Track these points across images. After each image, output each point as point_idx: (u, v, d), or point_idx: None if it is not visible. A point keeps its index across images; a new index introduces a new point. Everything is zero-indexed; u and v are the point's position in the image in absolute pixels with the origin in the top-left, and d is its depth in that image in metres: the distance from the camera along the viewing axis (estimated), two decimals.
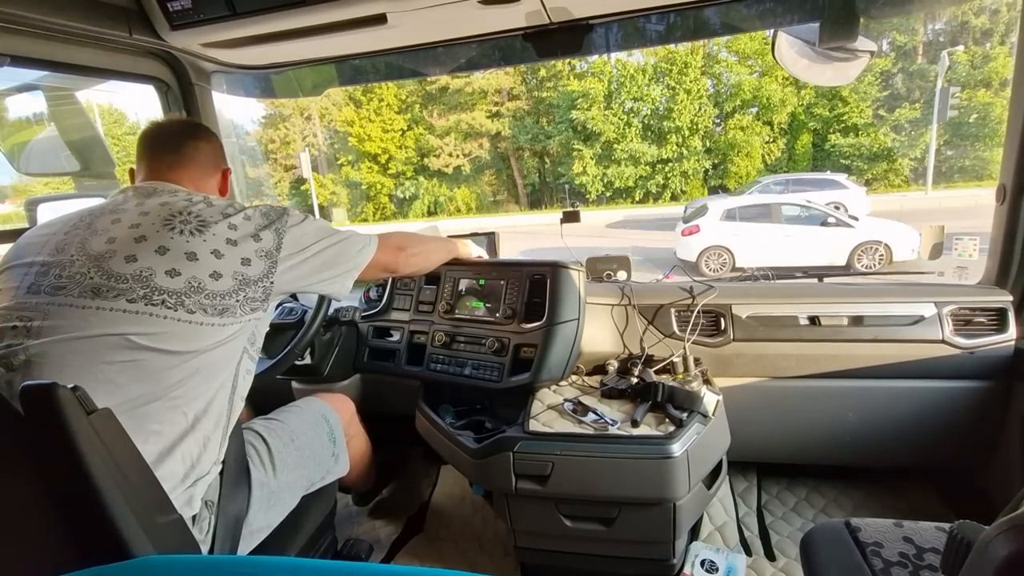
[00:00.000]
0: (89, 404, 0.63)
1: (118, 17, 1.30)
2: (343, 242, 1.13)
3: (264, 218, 1.02)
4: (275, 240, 1.00)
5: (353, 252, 1.15)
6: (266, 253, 0.99)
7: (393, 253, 1.26)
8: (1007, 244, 1.40)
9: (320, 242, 1.08)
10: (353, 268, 1.16)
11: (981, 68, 15.04)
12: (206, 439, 0.90)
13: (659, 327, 1.56)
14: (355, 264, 1.16)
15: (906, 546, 0.89)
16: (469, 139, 20.54)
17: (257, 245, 0.98)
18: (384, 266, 1.25)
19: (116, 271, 0.86)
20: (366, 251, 1.18)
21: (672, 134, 17.64)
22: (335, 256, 1.11)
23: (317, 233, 1.08)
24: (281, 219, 1.04)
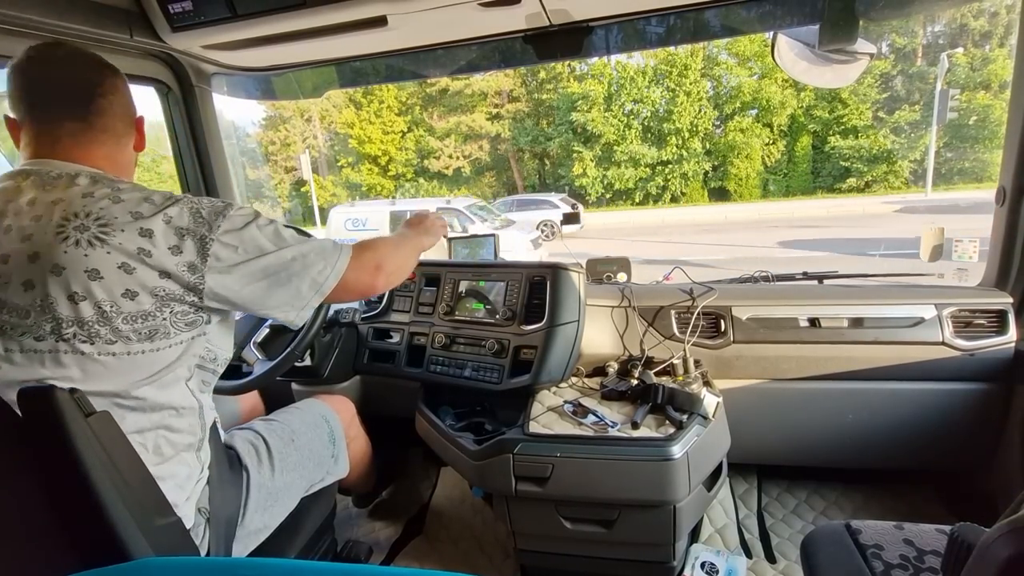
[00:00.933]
0: (87, 406, 0.63)
1: (119, 19, 1.30)
2: (301, 257, 0.89)
3: (192, 220, 0.81)
4: (199, 252, 0.80)
5: (314, 270, 0.91)
6: (189, 266, 0.79)
7: (371, 273, 1.01)
8: (1007, 246, 1.40)
9: (266, 256, 0.86)
10: (313, 291, 0.91)
11: (980, 70, 15.07)
12: (180, 464, 0.85)
13: (659, 329, 1.56)
14: (316, 285, 0.91)
15: (907, 548, 0.89)
16: (469, 141, 20.56)
17: (176, 259, 0.78)
18: (359, 290, 1.01)
19: (15, 303, 0.72)
20: (333, 268, 0.93)
21: (672, 136, 17.67)
22: (287, 273, 0.88)
23: (262, 241, 0.86)
24: (214, 222, 0.82)
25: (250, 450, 1.06)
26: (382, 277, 1.04)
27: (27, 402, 0.60)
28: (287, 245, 0.89)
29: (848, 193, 16.41)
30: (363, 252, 1.02)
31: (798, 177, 17.77)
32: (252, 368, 1.41)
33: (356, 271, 0.98)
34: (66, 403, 0.60)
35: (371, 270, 1.02)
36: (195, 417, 0.88)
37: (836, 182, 16.98)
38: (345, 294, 0.99)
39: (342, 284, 0.95)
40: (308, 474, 1.15)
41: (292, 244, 0.90)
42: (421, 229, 1.26)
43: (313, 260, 0.91)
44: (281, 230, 0.91)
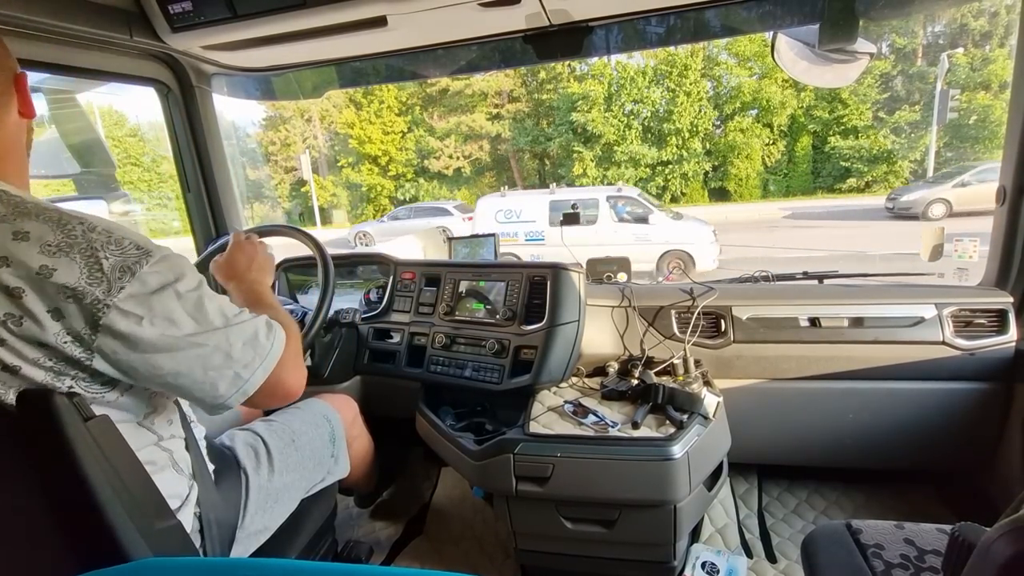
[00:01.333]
0: (86, 411, 0.62)
1: (119, 20, 1.30)
2: (225, 346, 0.72)
3: (87, 276, 0.62)
4: (87, 321, 0.62)
5: (239, 363, 0.73)
6: (74, 337, 0.63)
7: (299, 372, 0.83)
8: (1007, 245, 1.40)
9: (179, 339, 0.68)
10: (234, 389, 0.74)
11: (980, 70, 15.07)
12: (175, 470, 0.82)
13: (659, 329, 1.56)
14: (238, 382, 0.74)
15: (907, 548, 0.89)
16: (469, 141, 20.56)
17: (57, 325, 0.62)
18: (283, 394, 0.81)
19: None
20: (263, 362, 0.75)
21: (672, 136, 17.67)
22: (202, 366, 0.70)
23: (177, 314, 0.68)
24: (116, 282, 0.63)
25: (249, 452, 1.05)
26: (301, 373, 0.85)
27: (26, 406, 0.60)
28: (211, 328, 0.70)
29: (848, 193, 16.41)
30: (292, 341, 0.82)
31: (798, 177, 17.77)
32: None
33: (288, 369, 0.79)
34: (65, 407, 0.60)
35: (300, 367, 0.84)
36: (179, 441, 0.84)
37: (836, 182, 16.98)
38: (266, 400, 0.79)
39: (268, 386, 0.76)
40: (308, 474, 1.15)
41: (217, 326, 0.71)
42: (261, 278, 0.98)
43: (240, 352, 0.73)
44: (207, 303, 0.71)
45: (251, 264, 0.99)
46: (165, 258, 0.68)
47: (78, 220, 0.65)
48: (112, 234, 0.65)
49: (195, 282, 0.71)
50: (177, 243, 0.98)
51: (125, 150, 17.24)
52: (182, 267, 0.70)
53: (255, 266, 0.99)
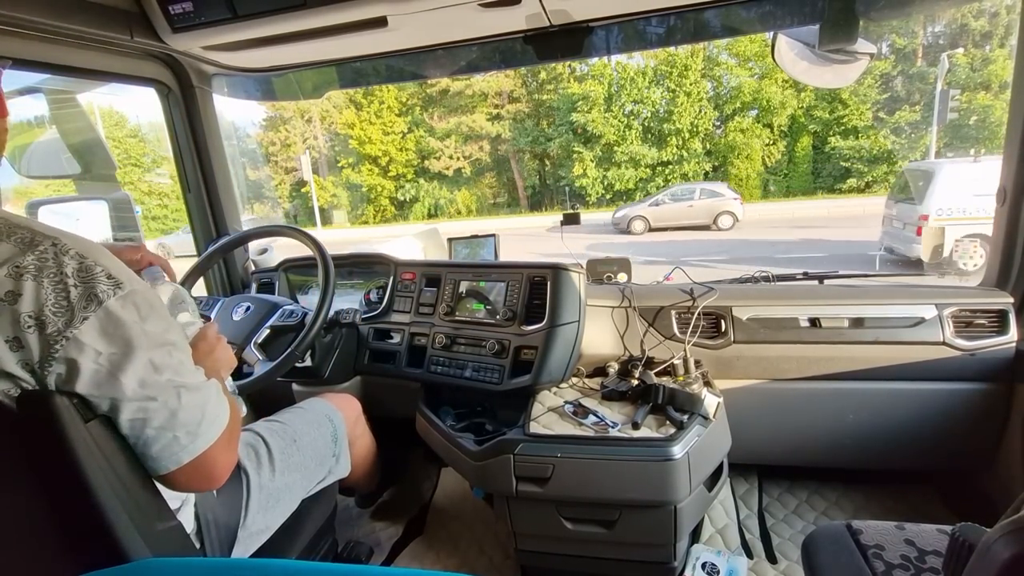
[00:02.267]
0: (86, 412, 0.62)
1: (119, 20, 1.30)
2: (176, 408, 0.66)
3: (53, 303, 0.59)
4: (41, 352, 0.59)
5: (182, 430, 0.67)
6: (30, 370, 0.60)
7: (228, 460, 0.76)
8: (1007, 246, 1.40)
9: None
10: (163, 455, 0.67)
11: (981, 71, 15.06)
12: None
13: (659, 329, 1.56)
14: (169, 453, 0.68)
15: (908, 548, 0.89)
16: (469, 141, 20.58)
17: (16, 355, 0.59)
18: (198, 484, 0.74)
19: None
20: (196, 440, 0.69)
21: (672, 136, 17.68)
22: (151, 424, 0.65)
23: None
24: (79, 312, 0.60)
25: (249, 452, 1.06)
26: (232, 459, 0.78)
27: (26, 407, 0.60)
28: (165, 381, 0.66)
29: (848, 193, 16.41)
30: (233, 422, 0.77)
31: (798, 177, 17.78)
32: (253, 369, 1.41)
33: (222, 449, 0.73)
34: (65, 409, 0.60)
35: (234, 450, 0.78)
36: None
37: (836, 182, 16.98)
38: (188, 480, 0.71)
39: (199, 461, 0.70)
40: (310, 474, 1.15)
41: (173, 382, 0.66)
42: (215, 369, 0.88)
43: (185, 415, 0.67)
44: (168, 352, 0.66)
45: (210, 353, 0.89)
46: (136, 292, 0.64)
47: (51, 241, 0.61)
48: (84, 259, 0.62)
49: (161, 325, 0.66)
50: (175, 240, 0.95)
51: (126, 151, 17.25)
52: (152, 305, 0.66)
53: (211, 359, 0.89)
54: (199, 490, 0.82)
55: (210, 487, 0.76)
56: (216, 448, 0.72)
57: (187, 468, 0.69)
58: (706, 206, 12.58)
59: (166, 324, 0.68)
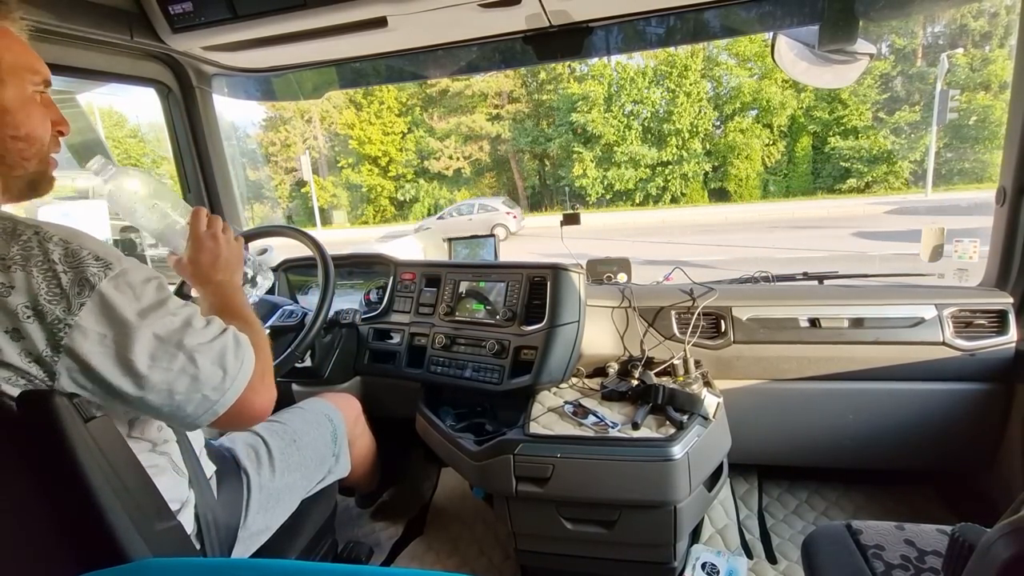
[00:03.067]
0: (86, 411, 0.62)
1: (120, 20, 1.30)
2: (191, 368, 0.67)
3: (46, 291, 0.59)
4: (48, 340, 0.59)
5: (208, 385, 0.68)
6: (36, 359, 0.60)
7: (269, 391, 0.78)
8: (1007, 246, 1.40)
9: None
10: (203, 411, 0.69)
11: (980, 71, 15.07)
12: (174, 471, 0.82)
13: (659, 329, 1.56)
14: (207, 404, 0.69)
15: (908, 549, 0.89)
16: (469, 142, 20.58)
17: (16, 346, 0.59)
18: (251, 416, 0.76)
19: None
20: (233, 383, 0.71)
21: (672, 137, 17.68)
22: (168, 389, 0.66)
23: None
24: (76, 298, 0.60)
25: (249, 452, 1.06)
26: (271, 394, 0.78)
27: (26, 406, 0.60)
28: (176, 349, 0.66)
29: (848, 194, 16.42)
30: (262, 356, 0.77)
31: (798, 178, 17.78)
32: None
33: (256, 391, 0.74)
34: (65, 408, 0.60)
35: (270, 387, 0.78)
36: (173, 445, 0.84)
37: (836, 183, 16.98)
38: (232, 422, 0.74)
39: (236, 408, 0.71)
40: (310, 474, 1.15)
41: (184, 347, 0.66)
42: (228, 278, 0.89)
43: (207, 374, 0.68)
44: (172, 320, 0.66)
45: (215, 263, 0.88)
46: (126, 271, 0.64)
47: (33, 229, 0.61)
48: (69, 244, 0.61)
49: (159, 296, 0.66)
50: None
51: (125, 150, 17.25)
52: (145, 278, 0.66)
53: (220, 265, 0.88)
54: (246, 428, 0.86)
55: (255, 423, 0.78)
56: (248, 393, 0.73)
57: (224, 418, 0.72)
58: (483, 220, 14.16)
59: (163, 294, 0.67)
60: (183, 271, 0.90)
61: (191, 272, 0.89)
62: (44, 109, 0.74)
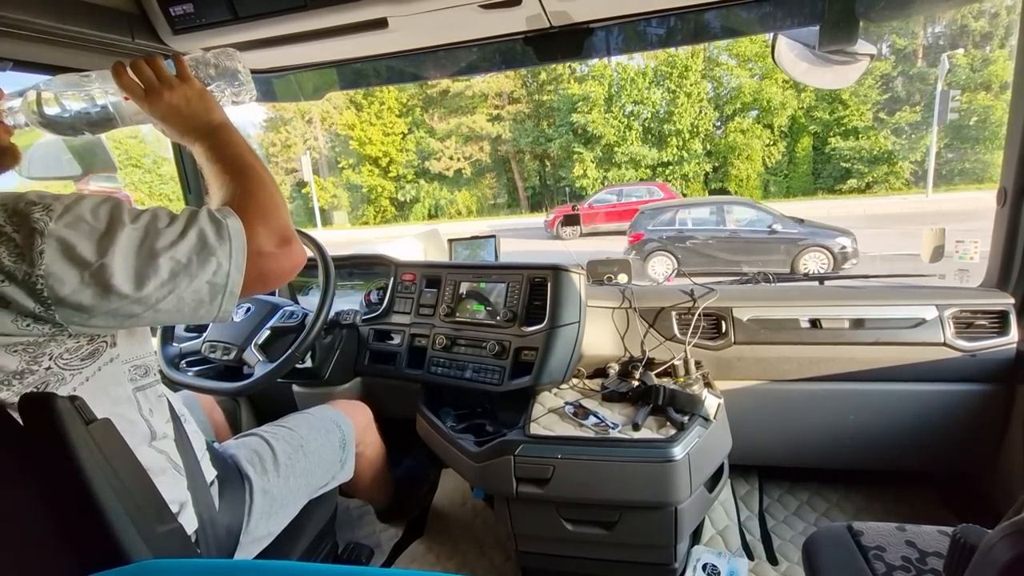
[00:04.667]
0: (88, 414, 0.63)
1: (120, 22, 1.30)
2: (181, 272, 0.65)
3: (8, 254, 0.57)
4: (34, 299, 0.59)
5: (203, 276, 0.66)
6: (34, 317, 0.60)
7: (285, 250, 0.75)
8: (1008, 247, 1.40)
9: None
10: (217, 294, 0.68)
11: (981, 71, 15.07)
12: (176, 472, 0.83)
13: (660, 330, 1.56)
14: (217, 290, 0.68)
15: (909, 550, 0.89)
16: (470, 142, 20.60)
17: (10, 313, 0.59)
18: (278, 274, 0.74)
19: None
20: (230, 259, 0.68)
21: (672, 137, 17.69)
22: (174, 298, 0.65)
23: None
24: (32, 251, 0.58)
25: (253, 457, 1.05)
26: (290, 249, 0.75)
27: (27, 409, 0.60)
28: (153, 266, 0.63)
29: (849, 194, 16.42)
30: (261, 213, 0.73)
31: (799, 178, 17.78)
32: (253, 370, 1.42)
33: (261, 261, 0.71)
34: (66, 411, 0.60)
35: (285, 237, 0.74)
36: (170, 443, 0.84)
37: (837, 183, 16.98)
38: (258, 286, 0.72)
39: (251, 277, 0.70)
40: (315, 480, 1.15)
41: (157, 254, 0.63)
42: (204, 115, 0.80)
43: (198, 267, 0.66)
44: (135, 238, 0.63)
45: (182, 119, 0.79)
46: (69, 207, 0.61)
47: None
48: (6, 205, 0.59)
49: (111, 218, 0.62)
50: None
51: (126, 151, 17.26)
52: (92, 206, 0.62)
53: (185, 117, 0.78)
54: (280, 285, 0.82)
55: (285, 281, 0.76)
56: (256, 260, 0.70)
57: (248, 288, 0.70)
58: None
59: (116, 211, 0.63)
60: (172, 138, 0.83)
61: (174, 135, 0.81)
62: None
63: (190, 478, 0.86)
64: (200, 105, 0.80)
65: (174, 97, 0.77)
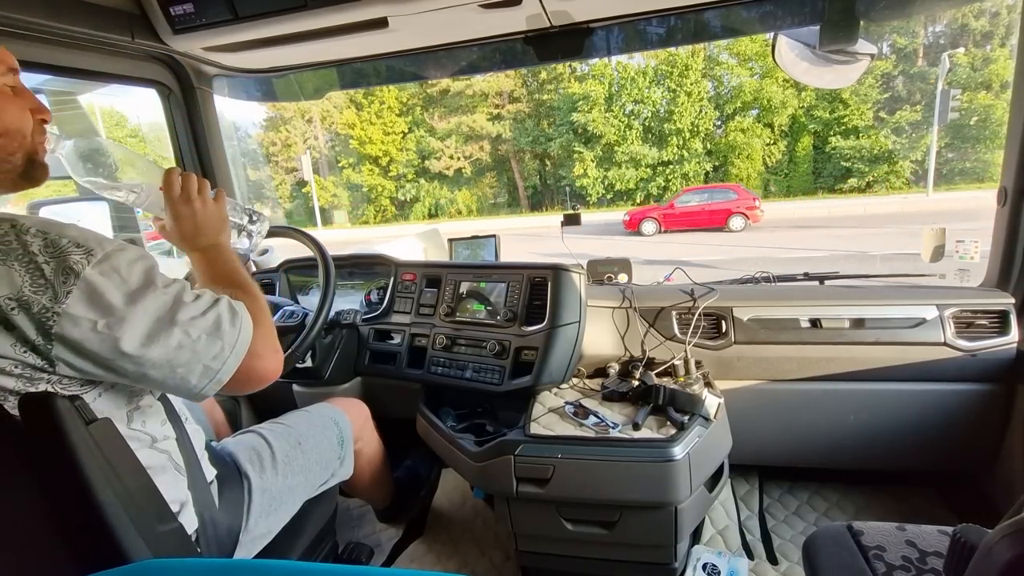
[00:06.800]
0: (88, 414, 0.63)
1: (120, 21, 1.30)
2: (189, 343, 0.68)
3: (29, 283, 0.59)
4: (38, 330, 0.60)
5: (208, 354, 0.70)
6: (31, 347, 0.61)
7: (274, 352, 0.79)
8: (1008, 246, 1.40)
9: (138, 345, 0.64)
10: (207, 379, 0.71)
11: (981, 70, 15.06)
12: (175, 471, 0.83)
13: (660, 330, 1.56)
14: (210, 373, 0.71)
15: (909, 549, 0.89)
16: (470, 142, 20.60)
17: (11, 338, 0.60)
18: (259, 378, 0.77)
19: None
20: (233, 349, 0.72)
21: (673, 136, 17.69)
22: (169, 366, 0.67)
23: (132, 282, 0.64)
24: (61, 287, 0.60)
25: (252, 456, 1.05)
26: (277, 357, 0.80)
27: (28, 410, 0.61)
28: (170, 325, 0.66)
29: (849, 193, 16.41)
30: (262, 320, 0.78)
31: (799, 177, 17.78)
32: None
33: (259, 355, 0.75)
34: (66, 411, 0.60)
35: (274, 350, 0.79)
36: (172, 442, 0.83)
37: (837, 182, 16.99)
38: (241, 386, 0.75)
39: (241, 373, 0.73)
40: (314, 477, 1.15)
41: (177, 322, 0.67)
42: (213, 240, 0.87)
43: (205, 345, 0.69)
44: (161, 298, 0.66)
45: (196, 229, 0.85)
46: (109, 255, 0.63)
47: (9, 223, 0.61)
48: (47, 235, 0.61)
49: (146, 277, 0.66)
50: None
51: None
52: (130, 260, 0.65)
53: (201, 230, 0.85)
54: (257, 390, 0.82)
55: (265, 385, 0.79)
56: (250, 359, 0.74)
57: (230, 385, 0.73)
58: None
59: (149, 273, 0.67)
60: (168, 238, 0.88)
61: (176, 239, 0.87)
62: (19, 100, 0.71)
63: (191, 477, 0.86)
64: (216, 225, 0.88)
65: (200, 208, 0.86)
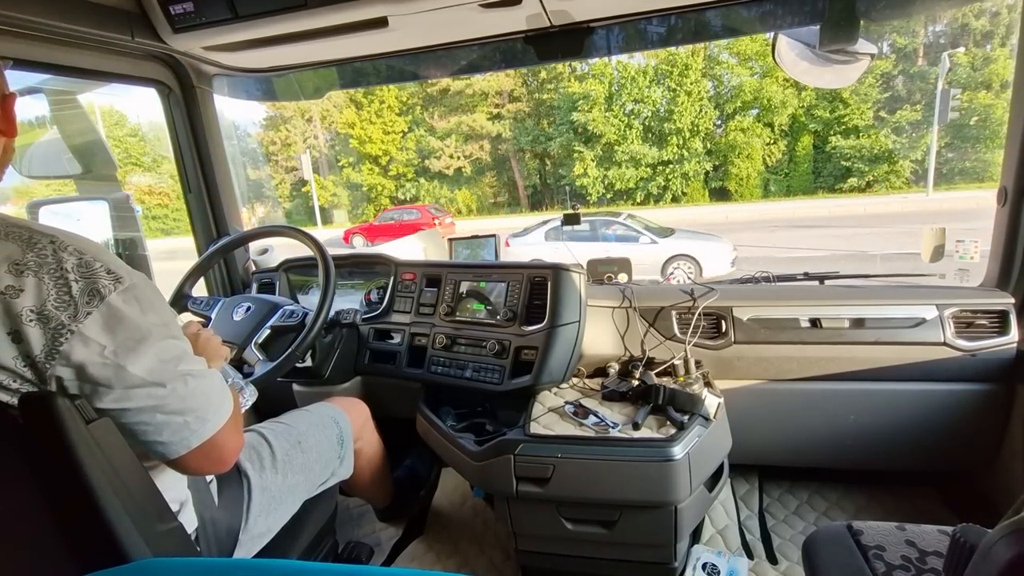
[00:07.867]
0: (88, 413, 0.63)
1: (120, 20, 1.30)
2: (186, 396, 0.69)
3: (55, 298, 0.60)
4: (46, 345, 0.60)
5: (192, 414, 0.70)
6: (30, 362, 0.61)
7: (237, 442, 0.79)
8: (1008, 246, 1.40)
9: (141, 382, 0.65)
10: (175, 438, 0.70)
11: (982, 70, 15.05)
12: (167, 483, 0.83)
13: (660, 330, 1.56)
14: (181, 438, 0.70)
15: (908, 549, 0.89)
16: (470, 141, 20.59)
17: (13, 349, 0.60)
18: (211, 465, 0.77)
19: None
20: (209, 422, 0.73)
21: (673, 136, 17.67)
22: (161, 411, 0.68)
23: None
24: (83, 307, 0.61)
25: (251, 454, 1.05)
26: (240, 442, 0.81)
27: (28, 409, 0.61)
28: (172, 370, 0.68)
29: (849, 193, 16.40)
30: (237, 410, 0.80)
31: (799, 177, 17.77)
32: (253, 369, 1.42)
33: (229, 433, 0.76)
34: (67, 410, 0.60)
35: (240, 434, 0.81)
36: None
37: (837, 182, 16.97)
38: (199, 462, 0.74)
39: (209, 445, 0.72)
40: (313, 476, 1.15)
41: (180, 371, 0.69)
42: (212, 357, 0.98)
43: (195, 401, 0.70)
44: (172, 342, 0.68)
45: (195, 344, 0.97)
46: (135, 286, 0.65)
47: (49, 239, 0.62)
48: (84, 255, 0.63)
49: (164, 317, 0.68)
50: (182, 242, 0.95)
51: (126, 150, 17.28)
52: (152, 298, 0.67)
53: (199, 351, 0.95)
54: (209, 473, 0.84)
55: (219, 470, 0.79)
56: (224, 432, 0.75)
57: (197, 452, 0.72)
58: None
59: (167, 316, 0.70)
60: None
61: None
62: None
63: (190, 476, 0.87)
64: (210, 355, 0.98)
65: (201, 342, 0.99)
